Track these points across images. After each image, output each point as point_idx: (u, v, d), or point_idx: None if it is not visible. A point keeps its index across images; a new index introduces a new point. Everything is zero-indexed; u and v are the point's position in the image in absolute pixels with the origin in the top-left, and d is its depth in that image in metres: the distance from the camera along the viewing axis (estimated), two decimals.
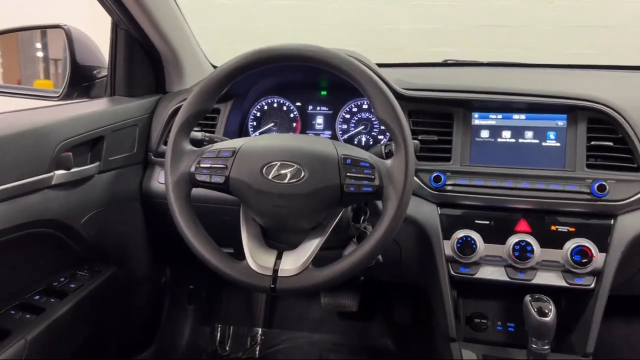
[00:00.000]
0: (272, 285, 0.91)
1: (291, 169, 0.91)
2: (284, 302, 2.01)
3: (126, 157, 1.31)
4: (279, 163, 0.91)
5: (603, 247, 1.12)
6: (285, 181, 0.90)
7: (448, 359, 1.18)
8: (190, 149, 0.98)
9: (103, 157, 1.23)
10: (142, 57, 1.43)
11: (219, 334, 1.97)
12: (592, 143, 1.16)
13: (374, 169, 0.92)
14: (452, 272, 1.19)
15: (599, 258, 1.11)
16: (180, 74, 1.46)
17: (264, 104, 1.42)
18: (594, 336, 1.14)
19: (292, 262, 0.93)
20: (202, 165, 0.95)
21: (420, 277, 1.35)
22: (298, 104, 1.40)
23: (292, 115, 1.40)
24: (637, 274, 1.26)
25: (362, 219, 1.09)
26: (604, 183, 1.11)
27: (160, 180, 1.34)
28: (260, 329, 1.98)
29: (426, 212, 1.20)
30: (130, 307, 1.53)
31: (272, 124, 1.41)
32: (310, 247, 0.94)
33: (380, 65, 1.34)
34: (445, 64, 1.65)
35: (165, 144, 1.29)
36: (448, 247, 1.18)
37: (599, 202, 1.12)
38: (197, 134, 1.06)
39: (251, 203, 0.95)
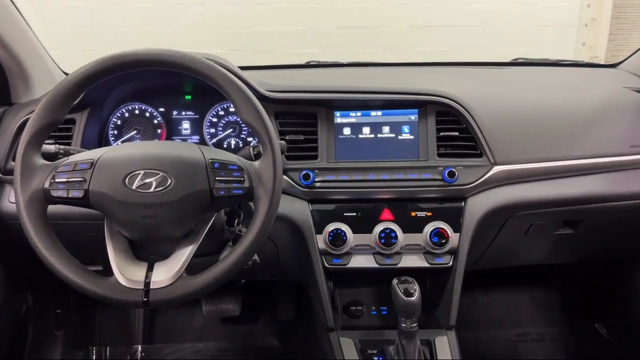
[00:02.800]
0: (145, 299, 0.88)
1: (156, 177, 0.89)
2: (163, 315, 1.94)
3: None
4: (142, 172, 0.89)
5: (457, 228, 1.23)
6: (151, 190, 0.88)
7: (327, 349, 1.23)
8: (43, 163, 0.91)
9: None
10: None
11: (94, 356, 1.85)
12: (441, 134, 1.26)
13: (242, 171, 0.93)
14: (326, 264, 1.24)
15: (454, 238, 1.22)
16: (27, 84, 1.34)
17: (124, 111, 1.36)
18: (455, 309, 1.25)
19: (165, 273, 0.90)
20: (57, 180, 0.89)
21: (298, 272, 1.39)
22: (161, 109, 1.36)
23: (155, 121, 1.36)
24: (489, 250, 1.40)
25: (236, 222, 1.10)
26: (453, 169, 1.22)
27: (11, 199, 1.23)
28: (140, 346, 1.90)
29: (298, 209, 1.24)
30: None
31: (135, 131, 1.36)
32: (183, 255, 0.92)
33: (243, 68, 1.35)
34: (308, 66, 1.70)
35: (15, 159, 1.18)
36: (321, 241, 1.23)
37: (450, 187, 1.23)
38: (49, 147, 0.99)
39: (115, 216, 0.91)
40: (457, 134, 1.27)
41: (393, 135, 1.28)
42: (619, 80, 1.51)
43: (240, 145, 1.37)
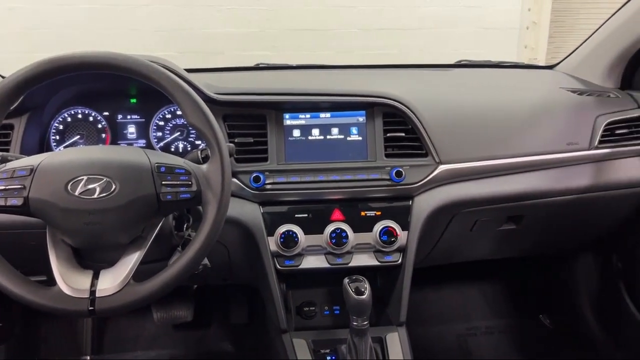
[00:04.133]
0: (91, 308, 0.86)
1: (100, 182, 0.87)
2: (113, 324, 1.89)
3: None
4: (85, 177, 0.87)
5: (405, 226, 1.26)
6: (95, 196, 0.86)
7: (281, 350, 1.23)
8: None
9: None
10: None
11: None
12: (388, 135, 1.29)
13: (190, 175, 0.92)
14: (278, 266, 1.24)
15: (402, 236, 1.25)
16: None
17: (66, 115, 1.32)
18: (405, 306, 1.28)
19: (111, 280, 0.88)
20: None
21: (250, 275, 1.39)
22: (106, 113, 1.33)
23: (100, 126, 1.33)
24: (437, 247, 1.44)
25: (185, 226, 1.08)
26: (400, 169, 1.25)
27: None
28: (88, 357, 1.84)
29: (249, 212, 1.23)
30: None
31: (78, 136, 1.32)
32: (130, 262, 0.91)
33: (190, 70, 1.34)
34: (257, 68, 1.70)
35: None
36: (272, 243, 1.23)
37: (397, 187, 1.25)
38: None
39: (58, 223, 0.88)
40: (403, 134, 1.29)
41: (342, 136, 1.30)
42: (556, 81, 1.59)
43: (189, 148, 1.35)
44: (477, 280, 2.06)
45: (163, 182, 0.90)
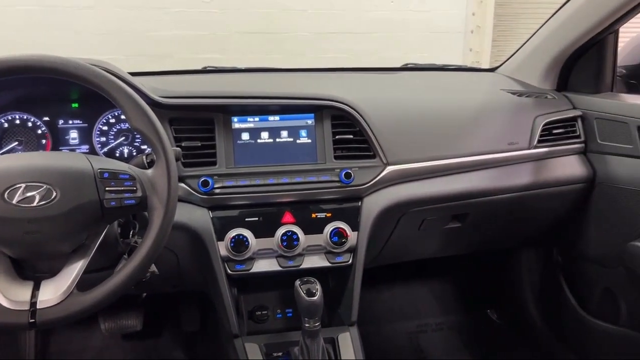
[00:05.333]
0: (32, 320, 0.83)
1: (39, 190, 0.84)
2: (58, 336, 1.82)
3: None
4: (24, 185, 0.83)
5: (355, 226, 1.27)
6: (34, 204, 0.83)
7: (233, 356, 1.23)
8: None
9: None
10: None
11: None
12: (337, 137, 1.30)
13: (135, 180, 0.90)
14: (228, 270, 1.23)
15: (352, 236, 1.26)
16: None
17: (3, 121, 1.26)
18: (356, 306, 1.29)
19: (53, 291, 0.85)
20: None
21: (201, 281, 1.37)
22: (46, 118, 1.28)
23: (39, 131, 1.28)
24: (386, 246, 1.47)
25: (131, 233, 1.06)
26: (349, 171, 1.26)
27: None
28: None
29: (198, 217, 1.22)
30: None
31: (16, 142, 1.26)
32: (73, 271, 0.88)
33: (135, 74, 1.31)
34: (205, 71, 1.68)
35: None
36: (222, 248, 1.22)
37: (347, 188, 1.27)
38: None
39: None
40: (351, 136, 1.31)
41: (291, 139, 1.30)
42: (497, 83, 1.65)
43: (134, 153, 1.32)
44: (427, 278, 2.11)
45: (107, 188, 0.88)
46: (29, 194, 0.83)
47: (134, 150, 1.33)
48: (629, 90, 1.61)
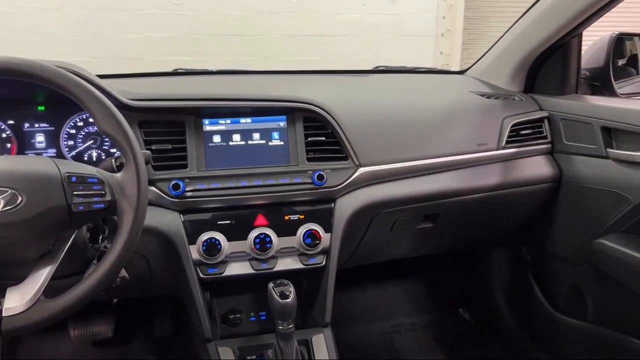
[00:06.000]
0: None
1: (4, 195, 0.82)
2: (25, 344, 1.77)
3: None
4: None
5: (328, 228, 1.28)
6: None
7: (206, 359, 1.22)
8: None
9: None
10: None
11: None
12: (309, 139, 1.30)
13: (103, 184, 0.89)
14: (201, 274, 1.22)
15: (325, 238, 1.27)
16: None
17: None
18: (330, 307, 1.29)
19: (19, 298, 0.83)
20: None
21: (173, 286, 1.35)
22: (10, 122, 1.25)
23: (4, 135, 1.25)
24: (359, 247, 1.48)
25: (100, 238, 1.04)
26: (322, 173, 1.27)
27: None
28: None
29: (169, 221, 1.20)
30: None
31: None
32: (40, 277, 0.86)
33: (104, 76, 1.30)
34: (175, 73, 1.67)
35: None
36: (194, 251, 1.20)
37: (320, 190, 1.27)
38: None
39: None
40: (323, 138, 1.32)
41: (263, 141, 1.30)
42: (466, 85, 1.67)
43: (103, 157, 1.30)
44: (400, 279, 2.13)
45: (74, 193, 0.86)
46: None
47: (103, 154, 1.30)
48: (593, 92, 1.65)
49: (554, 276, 1.66)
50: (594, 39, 1.68)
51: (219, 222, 1.23)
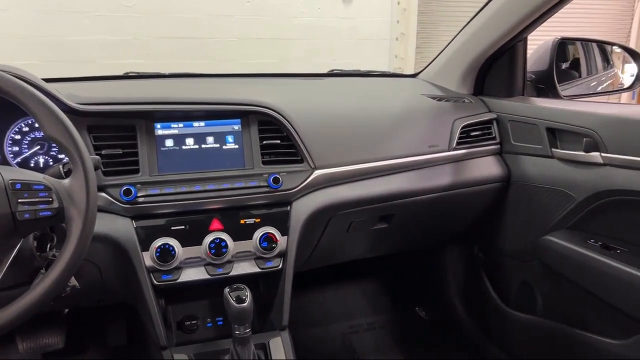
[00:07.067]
0: None
1: None
2: None
3: None
4: None
5: (284, 231, 1.28)
6: None
7: None
8: None
9: None
10: None
11: None
12: (264, 142, 1.30)
13: (50, 191, 0.87)
14: (154, 281, 1.19)
15: (282, 241, 1.27)
16: None
17: None
18: (287, 310, 1.29)
19: None
20: None
21: (127, 293, 1.33)
22: None
23: None
24: (317, 249, 1.48)
25: (48, 246, 1.01)
26: (277, 176, 1.27)
27: None
28: None
29: (120, 227, 1.18)
30: None
31: None
32: None
33: (50, 80, 1.26)
34: (126, 77, 1.63)
35: None
36: (148, 258, 1.18)
37: (276, 193, 1.27)
38: None
39: None
40: (279, 141, 1.32)
41: (218, 145, 1.29)
42: (418, 88, 1.71)
43: (51, 163, 1.26)
44: (358, 279, 2.16)
45: (19, 200, 0.84)
46: None
47: (51, 160, 1.26)
48: (538, 94, 1.71)
49: (505, 273, 1.72)
50: (539, 43, 1.74)
51: (172, 228, 1.21)
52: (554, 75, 1.67)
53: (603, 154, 1.29)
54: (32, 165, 1.25)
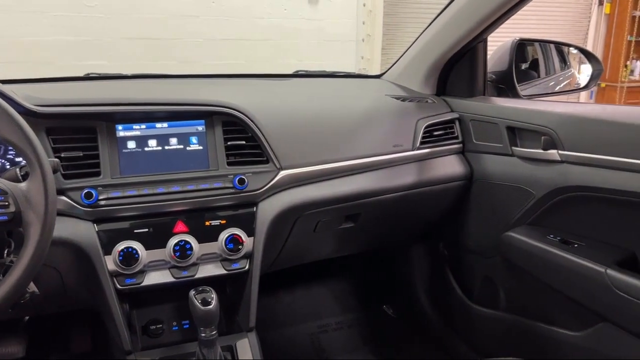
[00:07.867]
0: None
1: None
2: None
3: None
4: None
5: (250, 232, 1.27)
6: None
7: None
8: None
9: None
10: None
11: None
12: (229, 143, 1.30)
13: (7, 195, 0.85)
14: (118, 285, 1.17)
15: (248, 242, 1.26)
16: None
17: None
18: (254, 311, 1.29)
19: None
20: None
21: (89, 299, 1.30)
22: None
23: None
24: (284, 250, 1.48)
25: (6, 252, 0.99)
26: (243, 177, 1.26)
27: None
28: None
29: (82, 231, 1.15)
30: None
31: None
32: None
33: (6, 81, 1.23)
34: (87, 78, 1.60)
35: None
36: (110, 262, 1.16)
37: (241, 194, 1.27)
38: None
39: None
40: (244, 142, 1.31)
41: (181, 146, 1.28)
42: (382, 88, 1.73)
43: (8, 166, 1.23)
44: (326, 279, 2.16)
45: None
46: None
47: (7, 164, 1.23)
48: (499, 93, 1.75)
49: (469, 269, 1.75)
50: (498, 44, 1.79)
51: (135, 231, 1.19)
52: (513, 75, 1.71)
53: (560, 152, 1.33)
54: None
